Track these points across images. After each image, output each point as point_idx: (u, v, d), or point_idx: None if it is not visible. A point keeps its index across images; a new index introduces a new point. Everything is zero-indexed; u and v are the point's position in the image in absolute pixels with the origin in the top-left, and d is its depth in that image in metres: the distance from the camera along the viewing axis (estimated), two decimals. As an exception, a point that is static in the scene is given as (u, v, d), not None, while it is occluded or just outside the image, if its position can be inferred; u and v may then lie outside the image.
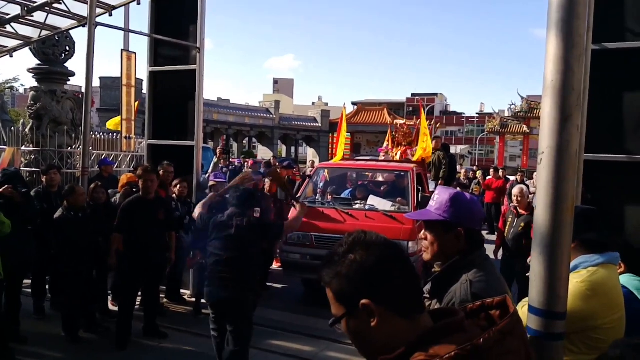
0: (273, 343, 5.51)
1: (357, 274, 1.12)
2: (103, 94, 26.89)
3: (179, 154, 7.27)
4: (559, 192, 1.39)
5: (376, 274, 1.12)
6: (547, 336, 1.38)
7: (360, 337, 1.14)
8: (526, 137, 38.81)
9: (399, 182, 7.79)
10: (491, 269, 1.94)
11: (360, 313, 1.11)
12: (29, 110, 9.57)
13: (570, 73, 1.35)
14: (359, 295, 1.11)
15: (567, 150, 1.40)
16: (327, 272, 1.17)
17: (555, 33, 1.37)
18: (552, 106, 1.39)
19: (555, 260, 1.40)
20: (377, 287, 1.11)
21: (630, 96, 4.41)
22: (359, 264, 1.12)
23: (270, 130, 42.20)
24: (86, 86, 6.62)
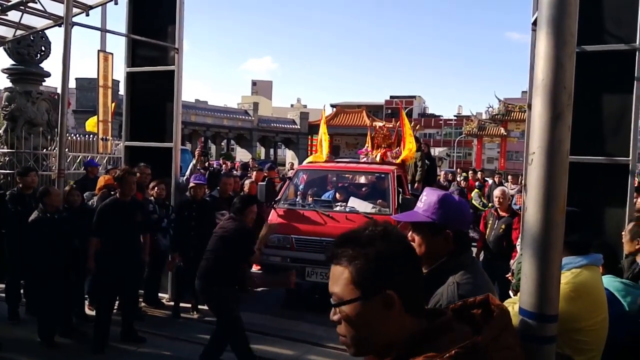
0: (253, 347, 5.42)
1: (388, 262, 1.09)
2: (79, 95, 26.46)
3: (157, 155, 7.17)
4: (551, 192, 1.38)
5: (404, 266, 1.11)
6: (539, 339, 1.37)
7: (364, 325, 1.10)
8: (503, 140, 39.30)
9: (380, 184, 7.80)
10: (478, 271, 1.93)
11: (376, 301, 1.08)
12: (3, 112, 9.38)
13: (562, 71, 1.34)
14: (384, 283, 1.08)
15: (559, 150, 1.39)
16: (350, 250, 1.11)
17: (546, 31, 1.36)
18: (543, 105, 1.38)
19: (547, 261, 1.39)
20: (401, 279, 1.09)
21: (610, 98, 4.48)
22: (392, 252, 1.10)
23: (248, 132, 42.05)
24: (62, 87, 6.49)
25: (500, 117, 37.72)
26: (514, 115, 37.29)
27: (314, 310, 6.81)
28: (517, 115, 36.91)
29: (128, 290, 5.63)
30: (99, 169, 8.77)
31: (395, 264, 1.10)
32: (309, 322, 6.29)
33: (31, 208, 5.69)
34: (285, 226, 6.93)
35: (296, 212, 7.17)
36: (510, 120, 37.58)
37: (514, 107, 37.66)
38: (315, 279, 6.59)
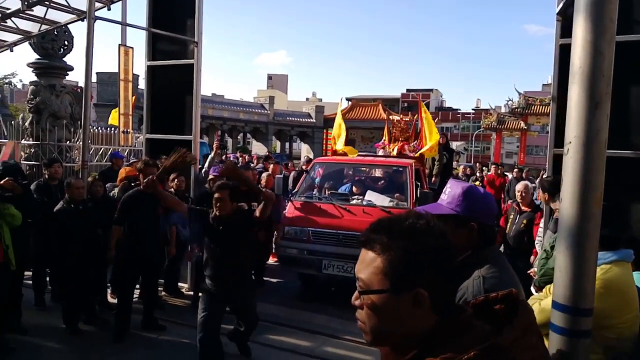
0: (270, 337, 5.52)
1: (425, 258, 1.03)
2: (100, 89, 26.75)
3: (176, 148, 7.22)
4: (587, 183, 1.35)
5: (441, 265, 1.04)
6: (573, 333, 1.35)
7: (387, 318, 1.05)
8: (523, 134, 38.81)
9: (397, 178, 7.77)
10: (504, 264, 1.89)
11: (405, 296, 1.03)
12: (29, 104, 9.54)
13: (600, 58, 1.32)
14: (417, 280, 1.02)
15: (596, 140, 1.36)
16: (386, 238, 1.05)
17: (585, 17, 1.33)
18: (580, 93, 1.35)
19: (583, 254, 1.37)
20: (436, 278, 1.03)
21: (637, 90, 4.38)
22: (431, 247, 1.04)
23: (264, 126, 42.11)
24: (86, 80, 6.58)
25: (520, 110, 37.20)
26: (535, 109, 36.79)
27: (330, 303, 6.85)
28: (538, 109, 36.40)
29: (148, 279, 5.73)
30: (123, 161, 8.87)
31: (433, 261, 1.03)
32: (325, 314, 6.32)
33: (57, 198, 5.82)
34: (302, 218, 6.95)
35: (313, 204, 7.19)
36: (530, 114, 37.07)
37: (535, 101, 37.15)
38: (332, 271, 6.61)
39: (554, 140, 5.83)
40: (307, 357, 5.02)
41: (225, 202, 4.39)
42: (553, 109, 5.92)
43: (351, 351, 5.21)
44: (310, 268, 6.87)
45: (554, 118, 5.86)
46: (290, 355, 5.07)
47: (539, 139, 42.00)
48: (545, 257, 4.38)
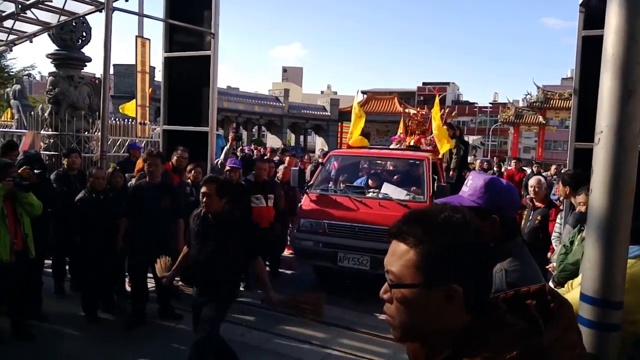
0: (285, 328, 5.55)
1: (461, 253, 1.00)
2: (117, 81, 26.94)
3: (193, 139, 7.27)
4: (619, 173, 1.32)
5: (477, 261, 1.01)
6: (603, 326, 1.32)
7: (417, 312, 1.02)
8: (542, 128, 38.39)
9: (414, 171, 7.72)
10: (527, 258, 1.87)
11: (438, 291, 0.99)
12: (48, 95, 9.67)
13: (635, 45, 1.28)
14: (451, 275, 0.99)
15: (629, 129, 1.33)
16: (420, 231, 1.02)
17: (619, 4, 1.30)
18: (613, 81, 1.32)
19: (613, 246, 1.34)
20: (471, 274, 1.00)
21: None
22: (468, 242, 1.00)
23: (279, 119, 42.11)
24: (104, 71, 6.64)
25: (538, 104, 36.83)
26: (554, 103, 36.36)
27: (345, 295, 6.85)
28: (557, 103, 35.98)
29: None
30: (140, 152, 8.94)
31: (468, 256, 1.00)
32: (340, 307, 6.32)
33: (76, 188, 5.90)
34: (317, 211, 6.96)
35: (328, 197, 7.19)
36: (549, 108, 36.67)
37: (554, 95, 36.70)
38: (347, 264, 6.61)
39: (575, 134, 5.75)
40: (322, 349, 5.03)
41: (212, 198, 3.90)
42: (574, 102, 5.84)
43: (366, 343, 5.21)
44: (325, 260, 6.88)
45: (575, 111, 5.78)
46: (305, 347, 5.08)
47: (557, 133, 41.53)
48: (565, 253, 4.33)
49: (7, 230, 4.61)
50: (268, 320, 5.74)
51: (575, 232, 4.39)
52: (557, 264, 4.41)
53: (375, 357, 4.88)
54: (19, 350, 4.65)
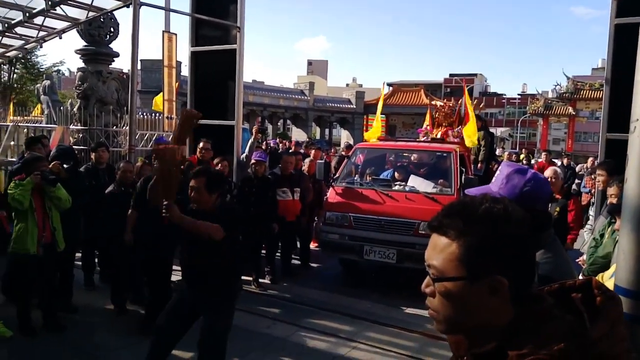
0: (312, 321, 5.56)
1: (504, 244, 0.98)
2: (144, 76, 27.28)
3: (219, 133, 7.32)
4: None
5: (520, 252, 1.00)
6: (637, 319, 1.28)
7: (461, 305, 1.00)
8: (572, 120, 37.64)
9: (441, 163, 7.63)
10: (559, 250, 1.83)
11: (482, 284, 0.98)
12: (77, 90, 9.85)
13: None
14: (495, 267, 0.97)
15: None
16: (460, 223, 1.01)
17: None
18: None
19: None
20: (515, 266, 0.99)
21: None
22: (511, 233, 0.98)
23: (304, 112, 42.13)
24: (132, 66, 6.72)
25: (568, 95, 36.12)
26: (584, 94, 35.59)
27: (371, 289, 6.84)
28: (587, 94, 35.22)
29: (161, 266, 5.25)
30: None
31: (511, 248, 0.98)
32: (367, 300, 6.32)
33: (104, 182, 6.00)
34: (343, 204, 6.94)
35: (354, 190, 7.16)
36: (579, 99, 35.93)
37: (584, 85, 35.91)
38: (373, 257, 6.59)
39: (606, 124, 5.61)
40: (349, 342, 5.02)
41: (201, 193, 3.57)
42: (606, 92, 5.69)
43: (393, 337, 5.19)
44: (351, 253, 6.87)
45: (607, 101, 5.64)
46: (331, 340, 5.08)
47: (587, 125, 40.68)
48: (595, 246, 4.25)
49: (35, 223, 4.70)
50: (294, 313, 5.77)
51: (605, 225, 4.30)
52: (587, 257, 4.32)
53: (402, 351, 4.85)
54: (49, 341, 4.75)
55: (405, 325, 5.48)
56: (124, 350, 4.65)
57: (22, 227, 4.71)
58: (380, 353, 4.82)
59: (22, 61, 30.49)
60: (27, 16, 8.05)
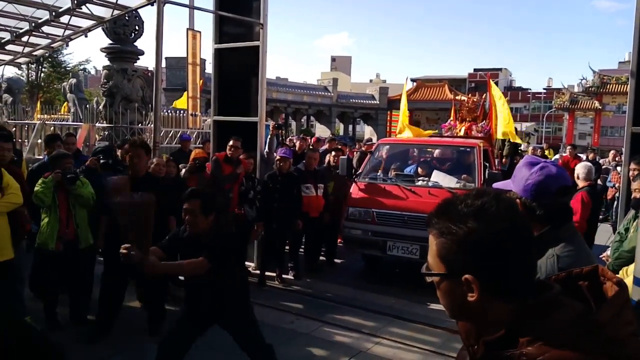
0: (335, 316, 5.58)
1: (472, 245, 1.01)
2: (169, 73, 27.59)
3: (243, 129, 7.36)
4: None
5: (492, 252, 1.00)
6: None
7: (450, 300, 1.08)
8: (598, 114, 36.97)
9: (465, 159, 7.58)
10: (580, 244, 1.83)
11: (459, 282, 1.02)
12: (102, 88, 10.03)
13: None
14: (466, 266, 1.01)
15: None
16: (441, 222, 1.06)
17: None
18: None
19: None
20: (489, 264, 1.00)
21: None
22: (481, 233, 1.00)
23: (328, 109, 42.14)
24: (156, 63, 6.78)
25: (594, 89, 35.46)
26: (610, 88, 34.88)
27: (395, 284, 6.83)
28: (614, 88, 34.52)
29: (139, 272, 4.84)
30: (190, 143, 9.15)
31: (484, 246, 1.00)
32: (390, 296, 6.31)
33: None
34: (366, 200, 6.93)
35: (377, 186, 7.15)
36: (605, 93, 35.25)
37: (610, 79, 35.17)
38: (397, 253, 6.57)
39: (632, 118, 5.50)
40: (372, 337, 5.02)
41: (196, 216, 3.35)
42: (632, 84, 5.58)
43: (416, 332, 5.17)
44: (374, 249, 6.86)
45: (632, 94, 5.52)
46: (354, 335, 5.09)
47: (614, 119, 39.92)
48: (620, 240, 4.22)
49: (57, 219, 4.77)
50: (317, 308, 5.79)
51: (630, 219, 4.27)
52: (612, 252, 4.28)
53: (425, 347, 4.83)
54: (73, 334, 4.81)
55: (429, 320, 5.45)
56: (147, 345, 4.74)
57: (45, 223, 4.82)
58: (403, 348, 4.81)
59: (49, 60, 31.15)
60: (54, 15, 8.17)
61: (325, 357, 4.64)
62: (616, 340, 0.95)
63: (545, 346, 0.95)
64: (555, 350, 0.94)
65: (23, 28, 9.01)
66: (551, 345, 0.94)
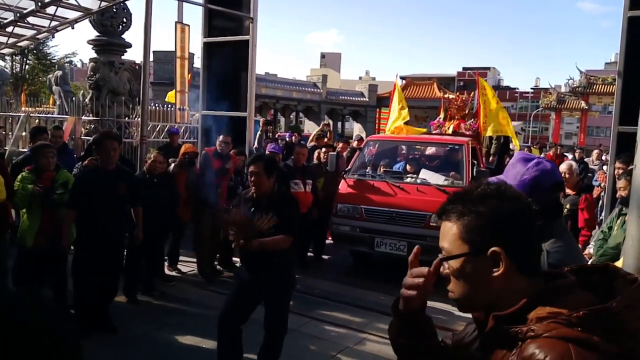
0: (323, 312, 5.58)
1: (498, 218, 1.09)
2: (156, 67, 27.29)
3: (232, 125, 7.32)
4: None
5: (515, 224, 1.09)
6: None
7: (472, 282, 1.11)
8: (584, 114, 37.32)
9: (453, 156, 7.61)
10: (570, 240, 1.84)
11: (484, 258, 1.08)
12: (89, 81, 9.89)
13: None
14: (492, 240, 1.08)
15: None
16: (460, 206, 1.13)
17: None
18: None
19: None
20: (512, 238, 1.08)
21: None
22: (502, 209, 1.09)
23: (317, 105, 42.00)
24: (144, 56, 6.73)
25: (581, 89, 35.78)
26: (597, 88, 35.24)
27: (382, 280, 6.84)
28: (600, 88, 34.87)
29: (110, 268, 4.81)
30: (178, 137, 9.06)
31: (506, 221, 1.08)
32: (377, 291, 6.32)
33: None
34: (355, 196, 6.93)
35: (366, 182, 7.15)
36: (591, 93, 35.59)
37: (597, 79, 35.52)
38: (384, 249, 6.59)
39: (619, 117, 5.55)
40: (359, 333, 5.03)
41: (260, 177, 3.67)
42: (618, 84, 5.63)
43: (403, 329, 5.18)
44: (362, 245, 6.87)
45: (619, 94, 5.57)
46: (342, 330, 5.09)
47: (600, 119, 40.43)
48: (603, 238, 4.31)
49: (36, 218, 4.71)
50: (306, 304, 5.77)
51: (614, 218, 4.35)
52: (595, 250, 4.36)
53: (412, 343, 4.83)
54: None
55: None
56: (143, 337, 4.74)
57: (24, 219, 4.78)
58: (390, 344, 4.80)
59: (34, 52, 30.76)
60: (39, 5, 8.04)
61: (312, 352, 4.63)
62: (627, 331, 0.96)
63: (553, 324, 0.98)
64: (564, 328, 0.97)
65: (7, 18, 8.86)
66: (560, 324, 0.97)
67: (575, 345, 0.94)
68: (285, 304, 3.83)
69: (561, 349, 0.95)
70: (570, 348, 0.94)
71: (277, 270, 3.72)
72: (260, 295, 3.75)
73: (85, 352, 0.80)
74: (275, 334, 3.76)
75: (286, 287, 3.82)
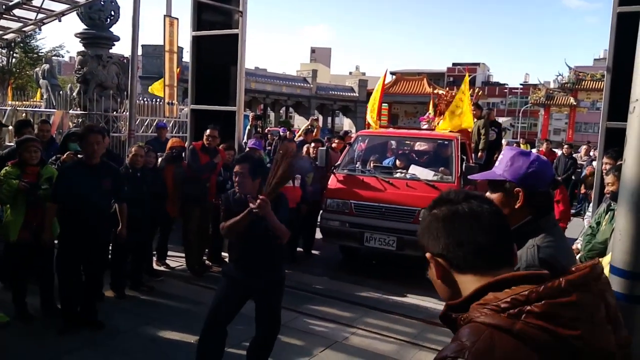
0: (312, 307, 5.58)
1: (428, 229, 1.21)
2: (145, 61, 27.09)
3: (220, 119, 7.28)
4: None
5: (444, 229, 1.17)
6: (632, 299, 1.28)
7: (433, 281, 1.23)
8: (573, 110, 37.56)
9: (442, 151, 7.63)
10: (560, 235, 1.85)
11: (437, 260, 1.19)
12: (76, 75, 9.79)
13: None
14: (428, 248, 1.20)
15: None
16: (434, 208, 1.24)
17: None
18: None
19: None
20: (451, 241, 1.16)
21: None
22: (431, 219, 1.21)
23: (307, 100, 41.93)
24: (132, 49, 6.67)
25: (570, 86, 35.98)
26: (585, 84, 35.48)
27: (371, 276, 6.86)
28: (589, 84, 35.12)
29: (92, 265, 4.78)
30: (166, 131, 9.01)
31: (438, 229, 1.18)
32: (366, 287, 6.33)
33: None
34: (344, 191, 6.93)
35: (355, 177, 7.14)
36: (580, 90, 35.82)
37: (586, 76, 35.76)
38: (374, 244, 6.59)
39: (607, 113, 5.59)
40: (348, 327, 5.03)
41: (244, 178, 3.60)
42: (607, 80, 5.66)
43: (391, 323, 5.20)
44: (351, 240, 6.87)
45: (608, 89, 5.61)
46: (331, 325, 5.09)
47: (588, 115, 40.78)
48: (591, 233, 4.35)
49: (21, 212, 4.67)
50: (294, 299, 5.76)
51: (602, 213, 4.39)
52: (583, 245, 4.40)
53: (400, 337, 4.86)
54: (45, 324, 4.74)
55: (405, 311, 5.50)
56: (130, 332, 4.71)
57: (7, 214, 4.73)
58: (379, 339, 4.83)
59: (21, 45, 30.39)
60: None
61: (301, 347, 4.63)
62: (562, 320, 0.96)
63: (483, 310, 1.01)
64: (490, 314, 0.99)
65: (-7, 10, 8.73)
66: (489, 311, 1.00)
67: (497, 331, 0.97)
68: (279, 301, 3.84)
69: (483, 333, 0.97)
70: (492, 333, 0.97)
71: (268, 268, 3.71)
72: (249, 293, 3.72)
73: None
74: (270, 331, 3.77)
75: (278, 284, 3.83)
